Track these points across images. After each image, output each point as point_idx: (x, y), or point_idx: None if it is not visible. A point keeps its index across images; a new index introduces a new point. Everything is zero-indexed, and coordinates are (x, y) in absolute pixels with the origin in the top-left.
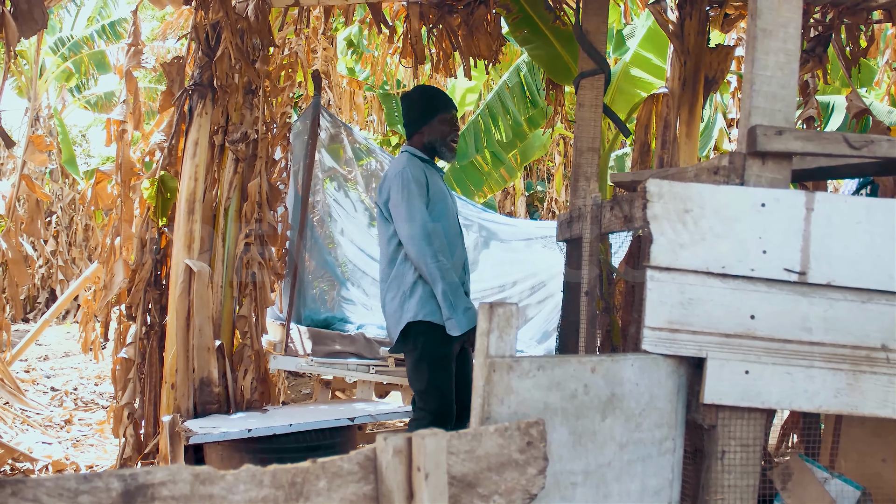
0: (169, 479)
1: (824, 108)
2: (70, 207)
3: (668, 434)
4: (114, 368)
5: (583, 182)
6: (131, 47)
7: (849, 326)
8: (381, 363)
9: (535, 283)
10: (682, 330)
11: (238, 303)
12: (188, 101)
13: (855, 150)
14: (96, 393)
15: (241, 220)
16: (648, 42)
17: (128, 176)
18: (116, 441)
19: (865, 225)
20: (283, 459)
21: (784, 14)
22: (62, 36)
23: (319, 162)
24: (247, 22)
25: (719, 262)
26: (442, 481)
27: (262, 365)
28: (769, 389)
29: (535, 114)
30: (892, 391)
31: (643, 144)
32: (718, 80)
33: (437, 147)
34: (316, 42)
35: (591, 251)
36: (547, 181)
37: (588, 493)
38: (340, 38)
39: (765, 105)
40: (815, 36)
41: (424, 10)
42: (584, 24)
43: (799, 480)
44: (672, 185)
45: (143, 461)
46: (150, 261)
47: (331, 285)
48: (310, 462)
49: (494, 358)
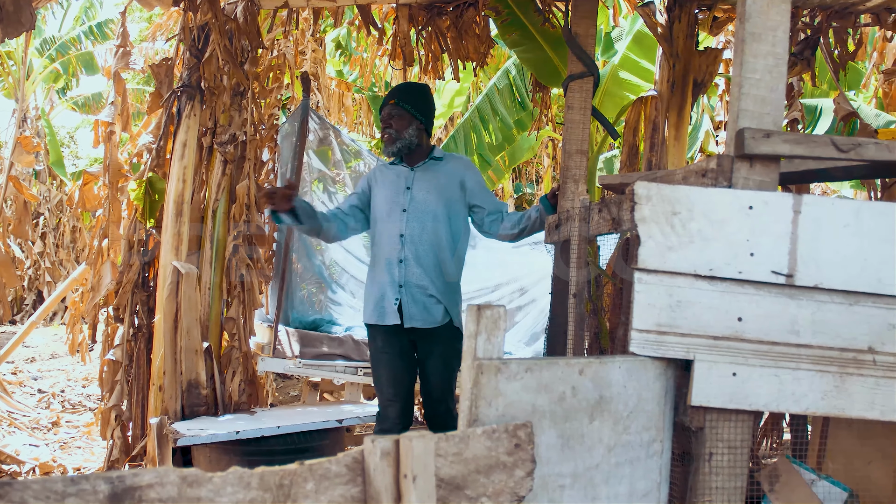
0: (156, 482)
1: (812, 111)
2: (58, 209)
3: (656, 436)
4: (101, 370)
5: (571, 184)
6: (119, 48)
7: (836, 329)
8: (368, 365)
9: (523, 286)
10: (670, 332)
11: (226, 305)
12: (176, 103)
13: (842, 153)
14: (84, 395)
15: (229, 222)
16: (637, 45)
17: (115, 177)
18: (104, 443)
19: (853, 228)
20: (271, 462)
21: (773, 18)
22: (48, 37)
23: (307, 164)
24: (235, 23)
25: (707, 265)
26: (430, 484)
27: (250, 367)
28: (757, 392)
29: (524, 116)
30: (879, 393)
31: (631, 147)
32: (707, 83)
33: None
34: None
35: (579, 253)
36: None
37: (576, 495)
38: (329, 40)
39: (753, 108)
40: (804, 39)
41: (413, 13)
42: (573, 27)
43: (786, 482)
44: (660, 187)
45: (130, 463)
46: (137, 262)
47: (319, 287)
48: (297, 464)
49: (482, 360)
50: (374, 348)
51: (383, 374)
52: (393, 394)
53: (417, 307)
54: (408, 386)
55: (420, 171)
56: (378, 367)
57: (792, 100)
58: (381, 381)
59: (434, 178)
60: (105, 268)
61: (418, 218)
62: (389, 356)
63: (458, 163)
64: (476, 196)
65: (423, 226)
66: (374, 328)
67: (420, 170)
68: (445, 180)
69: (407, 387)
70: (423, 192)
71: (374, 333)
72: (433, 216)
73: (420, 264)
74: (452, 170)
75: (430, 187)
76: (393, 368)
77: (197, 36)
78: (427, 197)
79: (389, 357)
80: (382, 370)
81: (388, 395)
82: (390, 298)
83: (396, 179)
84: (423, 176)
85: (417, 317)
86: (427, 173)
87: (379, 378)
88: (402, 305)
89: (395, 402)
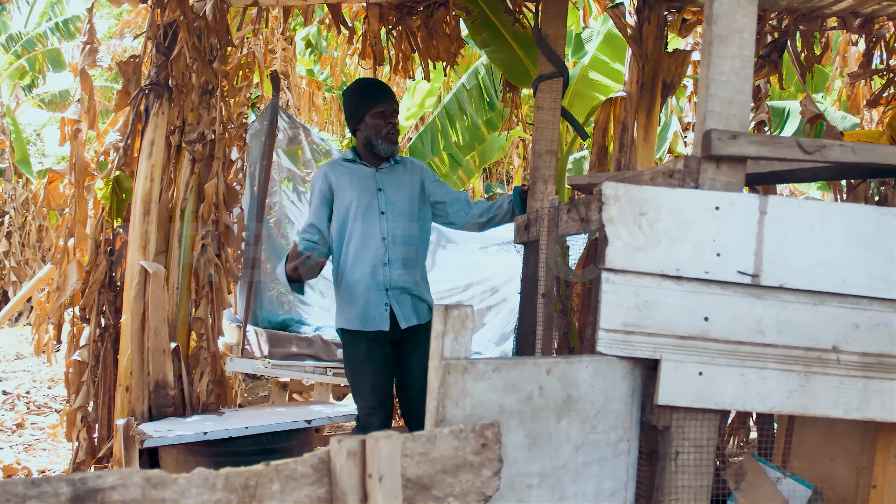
0: (120, 484)
1: (780, 113)
2: (23, 208)
3: (624, 436)
4: (67, 371)
5: (540, 185)
6: (86, 45)
7: (801, 328)
8: (338, 365)
9: (492, 286)
10: (637, 332)
11: (194, 305)
12: (144, 101)
13: (808, 155)
14: (49, 396)
15: (197, 222)
16: (607, 46)
17: (82, 176)
18: (69, 445)
19: (818, 228)
20: (239, 462)
21: (740, 20)
22: (14, 33)
23: (277, 163)
24: (204, 21)
25: (674, 265)
26: (396, 484)
27: (219, 367)
28: (723, 391)
29: (493, 116)
30: (844, 392)
31: (601, 148)
32: (676, 85)
33: (373, 143)
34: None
35: (548, 254)
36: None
37: (543, 494)
38: (298, 39)
39: (720, 109)
40: (771, 42)
41: (384, 12)
42: (543, 28)
43: (752, 480)
44: (628, 188)
45: (96, 465)
46: (104, 262)
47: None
48: (263, 465)
49: (449, 360)
50: (356, 356)
51: (366, 382)
52: (376, 402)
53: (407, 308)
54: (390, 394)
55: (384, 173)
56: (361, 375)
57: (759, 102)
58: (364, 390)
59: (399, 180)
60: (71, 267)
61: (397, 219)
62: (374, 365)
63: (415, 165)
64: (436, 193)
65: (403, 227)
66: (356, 334)
67: (384, 172)
68: (409, 181)
69: (390, 395)
70: (394, 193)
71: (356, 340)
72: (409, 217)
73: (404, 265)
74: (412, 172)
75: (400, 189)
76: (377, 378)
77: (165, 33)
78: (401, 199)
79: (374, 366)
80: (366, 379)
81: (370, 403)
82: (378, 304)
83: (363, 180)
84: (389, 178)
85: (411, 316)
86: (392, 175)
87: (360, 387)
88: (394, 309)
89: (379, 411)
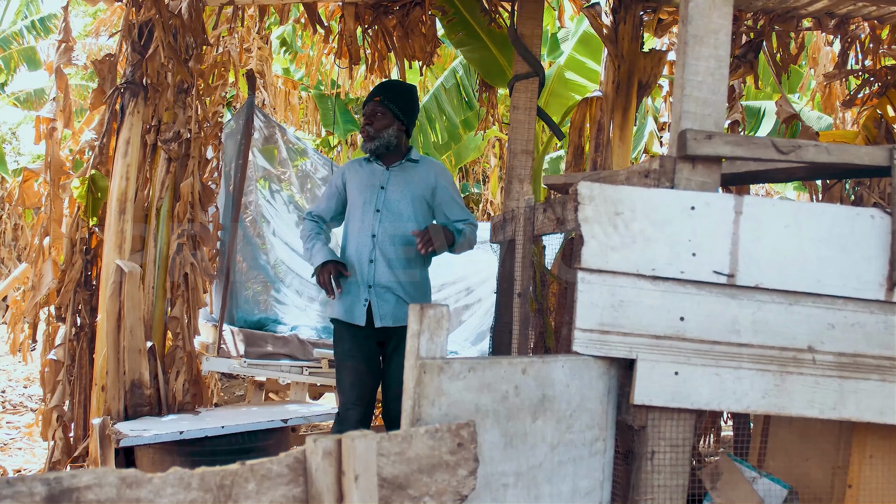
0: (95, 483)
1: (755, 113)
2: None
3: (599, 435)
4: (42, 370)
5: (516, 184)
6: (62, 44)
7: (776, 328)
8: (314, 365)
9: (466, 286)
10: (613, 332)
11: (170, 304)
12: (120, 100)
13: (783, 155)
14: (25, 395)
15: (173, 221)
16: (583, 46)
17: (57, 175)
18: (45, 444)
19: (793, 229)
20: (215, 462)
21: (715, 21)
22: None
23: (253, 162)
24: (180, 20)
25: (650, 265)
26: (372, 483)
27: (195, 367)
28: (698, 390)
29: (471, 116)
30: (818, 392)
31: (577, 147)
32: (651, 84)
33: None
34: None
35: (524, 253)
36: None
37: (519, 494)
38: (274, 38)
39: (695, 110)
40: (747, 42)
41: (360, 11)
42: (519, 28)
43: (728, 480)
44: (603, 187)
45: (72, 465)
46: (80, 261)
47: (264, 286)
48: (239, 464)
49: (425, 359)
50: (342, 350)
51: (347, 377)
52: (356, 398)
53: (387, 307)
54: (371, 391)
55: (395, 171)
56: (343, 369)
57: (733, 102)
58: (345, 384)
59: (408, 179)
60: (46, 266)
61: (391, 218)
62: (356, 360)
63: (433, 167)
64: (443, 206)
65: (395, 226)
66: (342, 326)
67: (395, 170)
68: (418, 182)
69: (371, 391)
70: (396, 192)
71: (341, 333)
72: (405, 217)
73: (390, 265)
74: (426, 173)
75: (404, 188)
76: (358, 373)
77: (140, 32)
78: (400, 198)
79: (356, 361)
80: (347, 373)
81: (350, 398)
82: (360, 299)
83: (370, 178)
84: (397, 176)
85: (388, 316)
86: (402, 174)
87: (342, 381)
88: (372, 306)
89: (358, 406)
